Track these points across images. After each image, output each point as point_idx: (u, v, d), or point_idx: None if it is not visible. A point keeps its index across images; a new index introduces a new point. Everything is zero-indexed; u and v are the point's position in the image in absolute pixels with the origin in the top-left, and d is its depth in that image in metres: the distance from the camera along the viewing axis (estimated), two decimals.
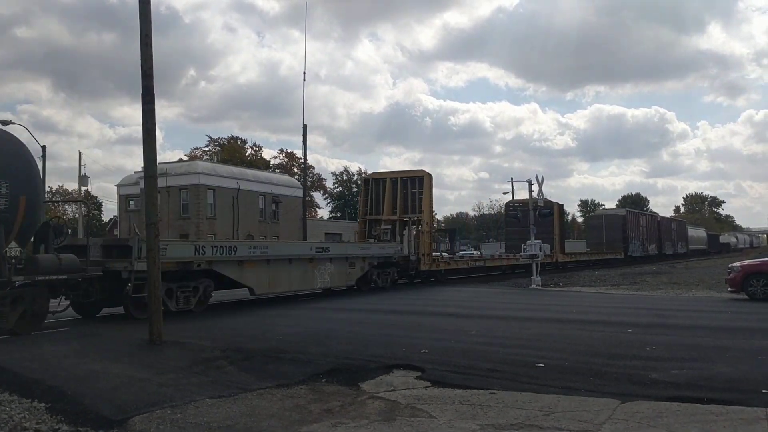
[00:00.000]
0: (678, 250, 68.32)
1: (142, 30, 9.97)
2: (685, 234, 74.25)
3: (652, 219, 62.75)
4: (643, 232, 56.22)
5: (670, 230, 66.33)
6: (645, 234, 56.60)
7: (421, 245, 25.47)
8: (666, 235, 63.89)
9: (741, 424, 5.71)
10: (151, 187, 10.07)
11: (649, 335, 10.89)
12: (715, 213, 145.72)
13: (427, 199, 26.16)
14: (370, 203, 26.57)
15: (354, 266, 20.97)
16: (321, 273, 19.18)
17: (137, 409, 6.31)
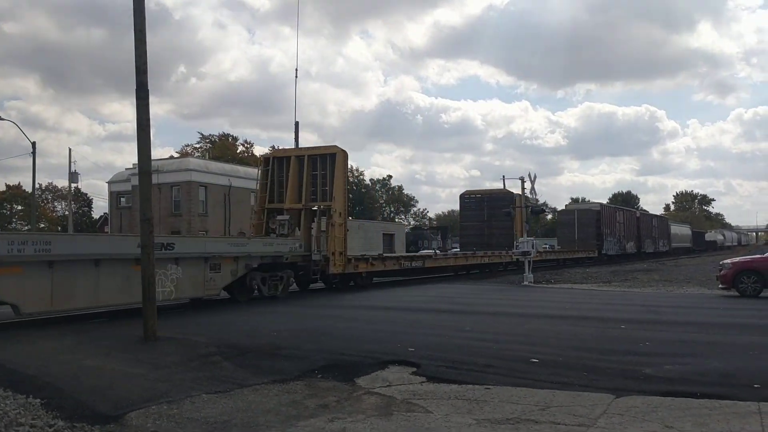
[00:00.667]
0: (660, 248, 64.82)
1: (136, 26, 9.93)
2: (667, 231, 70.50)
3: (631, 215, 58.37)
4: (620, 229, 52.55)
5: (650, 227, 62.56)
6: (622, 231, 52.90)
7: (330, 241, 20.18)
8: (646, 232, 60.34)
9: (734, 418, 5.77)
10: (145, 183, 10.04)
11: (641, 331, 10.97)
12: (705, 211, 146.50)
13: (339, 183, 20.66)
14: (271, 188, 21.50)
15: (219, 269, 15.64)
16: (160, 279, 13.38)
17: (133, 404, 6.31)
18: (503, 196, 34.91)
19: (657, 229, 65.27)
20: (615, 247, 50.61)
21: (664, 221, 72.36)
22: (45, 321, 12.27)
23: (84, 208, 78.42)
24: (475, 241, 35.05)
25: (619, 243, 51.66)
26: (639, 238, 57.38)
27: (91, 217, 78.89)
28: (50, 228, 77.50)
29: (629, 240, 54.69)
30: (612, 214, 51.23)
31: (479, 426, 5.67)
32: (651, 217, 66.85)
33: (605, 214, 49.33)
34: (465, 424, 5.73)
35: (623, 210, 57.21)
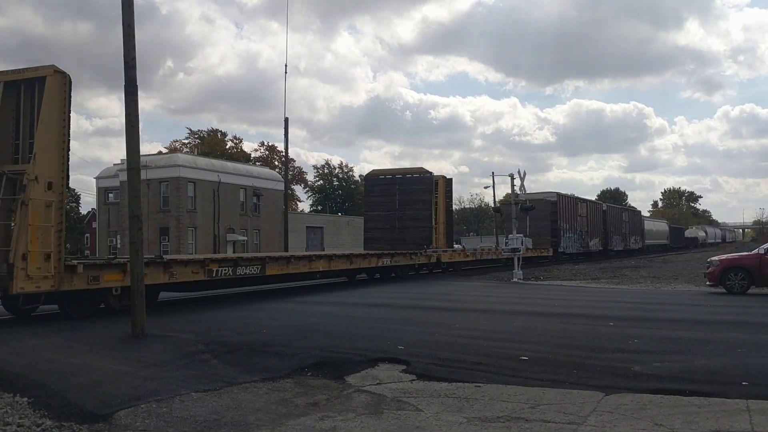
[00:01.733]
0: (630, 245, 59.19)
1: (124, 20, 9.85)
2: (640, 226, 65.02)
3: (596, 207, 51.91)
4: (583, 224, 46.47)
5: (620, 222, 56.48)
6: (585, 225, 46.93)
7: (19, 236, 11.04)
8: (614, 227, 54.47)
9: (723, 415, 5.80)
10: (134, 179, 9.97)
11: (630, 328, 11.01)
12: (692, 208, 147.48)
13: (50, 129, 11.54)
14: None
15: None
16: None
17: (122, 403, 6.26)
18: (420, 178, 27.67)
19: (628, 225, 59.46)
20: (575, 244, 44.92)
21: (636, 215, 66.44)
22: (31, 318, 12.16)
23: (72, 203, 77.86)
24: (383, 237, 27.57)
25: (580, 240, 46.08)
26: (606, 234, 51.96)
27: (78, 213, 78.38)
28: None
29: (594, 236, 48.86)
30: (572, 207, 45.03)
31: (470, 424, 5.67)
32: (621, 211, 60.58)
33: (563, 206, 42.99)
34: (455, 422, 5.73)
35: (587, 202, 50.04)
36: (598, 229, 50.43)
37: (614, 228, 54.62)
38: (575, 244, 44.98)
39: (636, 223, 63.45)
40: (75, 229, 73.76)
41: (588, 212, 48.43)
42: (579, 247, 45.57)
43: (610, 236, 53.21)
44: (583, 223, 47.16)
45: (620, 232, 56.18)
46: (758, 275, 18.30)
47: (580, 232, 46.26)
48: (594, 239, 49.34)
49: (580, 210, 46.40)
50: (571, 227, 44.29)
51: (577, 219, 45.64)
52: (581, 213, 46.67)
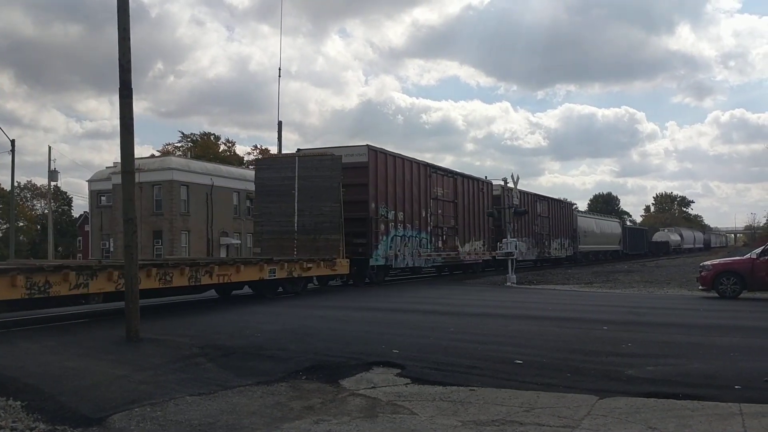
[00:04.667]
0: (550, 251, 42.64)
1: (120, 24, 9.84)
2: (570, 226, 47.91)
3: (492, 196, 34.06)
4: (463, 220, 29.95)
5: (532, 216, 38.71)
6: (465, 222, 30.37)
7: None
8: (522, 225, 37.13)
9: (716, 419, 5.83)
10: (128, 182, 9.96)
11: (624, 332, 11.06)
12: (684, 212, 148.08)
13: None
14: None
15: None
16: None
17: (116, 406, 6.24)
18: (326, 162, 21.12)
19: (547, 222, 42.07)
20: (408, 253, 25.57)
21: (566, 209, 47.97)
22: (25, 322, 12.11)
23: (64, 206, 77.64)
24: (277, 238, 21.12)
25: (417, 244, 26.23)
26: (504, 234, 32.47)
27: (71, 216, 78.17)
28: (29, 227, 76.64)
29: (477, 238, 31.81)
30: (390, 172, 25.35)
31: (464, 428, 5.69)
32: (536, 199, 40.87)
33: (379, 172, 24.79)
34: (450, 425, 5.74)
35: (471, 179, 31.51)
36: (481, 228, 32.23)
37: (524, 228, 37.79)
38: (408, 252, 25.08)
39: (565, 221, 46.26)
40: (67, 233, 73.57)
41: (445, 188, 28.27)
42: (411, 260, 25.47)
43: (475, 235, 31.94)
44: (465, 219, 30.17)
45: (532, 233, 39.24)
46: (750, 280, 18.42)
47: (462, 232, 29.94)
48: (477, 241, 31.77)
49: (404, 181, 24.80)
50: (388, 219, 23.69)
51: (404, 201, 24.77)
52: (406, 188, 24.95)
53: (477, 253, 31.88)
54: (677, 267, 40.94)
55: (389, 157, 24.44)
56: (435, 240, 27.66)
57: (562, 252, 46.32)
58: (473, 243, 31.71)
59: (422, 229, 26.43)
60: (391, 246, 23.90)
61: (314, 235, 20.82)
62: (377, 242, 22.88)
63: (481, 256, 32.35)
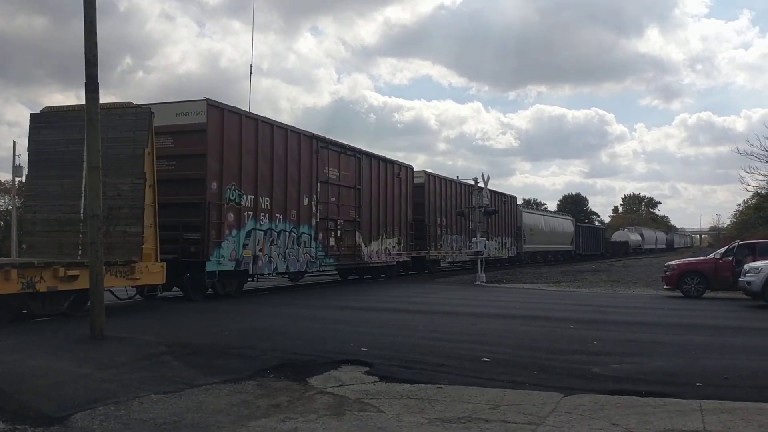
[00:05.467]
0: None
1: (86, 18, 9.68)
2: (513, 223, 41.46)
3: (397, 180, 26.46)
4: (374, 213, 24.56)
5: (449, 206, 31.90)
6: (379, 215, 24.94)
7: None
8: (456, 222, 32.34)
9: (677, 415, 5.95)
10: (94, 178, 9.80)
11: (590, 331, 11.22)
12: (651, 213, 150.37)
13: None
14: None
15: None
16: None
17: (79, 405, 6.14)
18: (128, 119, 14.18)
19: (477, 215, 29.42)
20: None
21: (509, 204, 41.15)
22: None
23: None
24: (56, 230, 14.27)
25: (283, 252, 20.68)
26: (425, 232, 29.17)
27: None
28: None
29: (390, 234, 25.91)
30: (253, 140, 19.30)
31: (431, 425, 5.71)
32: (472, 191, 30.48)
33: (226, 134, 18.43)
34: (417, 423, 5.77)
35: (383, 161, 25.65)
36: (390, 222, 25.88)
37: (445, 221, 31.38)
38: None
39: (503, 215, 39.03)
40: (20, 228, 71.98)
41: (343, 170, 22.47)
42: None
43: (431, 237, 29.87)
44: (370, 211, 24.14)
45: (465, 229, 32.92)
46: (713, 279, 18.86)
47: (368, 226, 24.10)
48: (378, 238, 24.95)
49: (275, 156, 18.69)
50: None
51: (273, 184, 18.68)
52: (277, 165, 18.82)
53: (390, 254, 25.87)
54: (643, 267, 41.63)
55: (246, 119, 17.52)
56: (325, 236, 21.18)
57: (503, 252, 39.72)
58: (384, 241, 25.40)
59: (303, 221, 19.81)
60: (246, 243, 17.29)
61: (107, 227, 12.82)
62: (221, 238, 16.29)
63: (395, 258, 26.47)
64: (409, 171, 28.36)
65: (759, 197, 50.91)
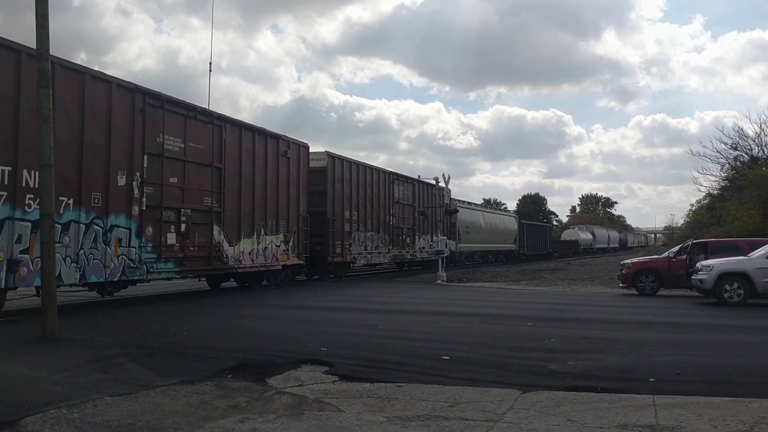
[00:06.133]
0: (414, 252, 31.90)
1: (38, 11, 9.43)
2: (447, 219, 35.26)
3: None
4: (246, 201, 18.72)
5: (385, 205, 28.60)
6: (245, 204, 18.69)
7: None
8: (372, 215, 27.35)
9: (631, 410, 6.07)
10: (46, 176, 9.56)
11: (547, 328, 11.37)
12: (608, 213, 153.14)
13: None
14: None
15: None
16: None
17: (29, 409, 5.97)
18: None
19: (411, 211, 31.37)
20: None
21: (442, 197, 33.38)
22: None
23: None
24: None
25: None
26: (327, 228, 23.76)
27: None
28: None
29: (272, 230, 20.08)
30: None
31: (390, 423, 5.72)
32: (394, 180, 29.60)
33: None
34: (376, 422, 5.76)
35: (259, 133, 19.69)
36: (250, 210, 19.08)
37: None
38: None
39: (436, 210, 33.41)
40: None
41: (190, 141, 16.36)
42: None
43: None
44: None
45: (384, 225, 28.68)
46: (667, 277, 19.33)
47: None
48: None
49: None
50: None
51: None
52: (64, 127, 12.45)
53: (272, 256, 20.10)
54: (600, 266, 42.40)
55: None
56: (157, 232, 15.18)
57: (412, 252, 33.00)
58: (262, 239, 19.51)
59: (115, 209, 13.94)
60: None
61: None
62: None
63: (280, 261, 20.61)
64: (303, 150, 22.29)
65: (711, 197, 52.36)
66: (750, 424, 5.63)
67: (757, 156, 44.33)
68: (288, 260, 21.14)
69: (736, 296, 15.96)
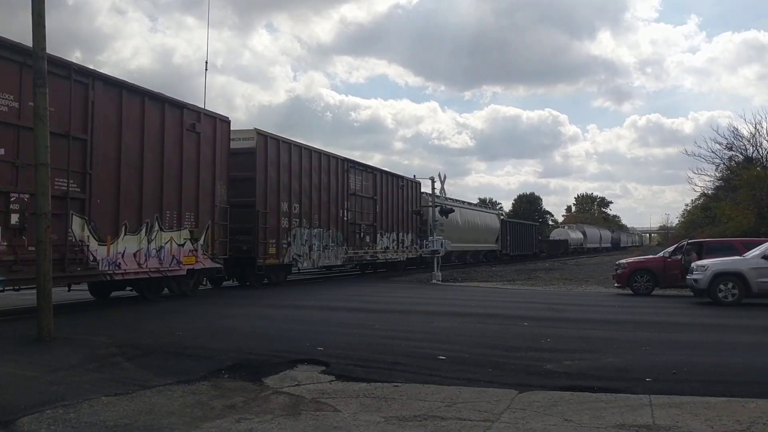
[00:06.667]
0: (375, 252, 28.01)
1: (34, 10, 9.39)
2: (416, 215, 32.44)
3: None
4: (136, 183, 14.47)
5: (336, 197, 24.66)
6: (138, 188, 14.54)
7: None
8: (317, 208, 23.16)
9: (627, 410, 6.08)
10: (42, 176, 9.52)
11: (543, 328, 11.39)
12: (603, 213, 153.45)
13: None
14: None
15: None
16: None
17: (25, 409, 5.96)
18: None
19: (372, 205, 27.78)
20: None
21: (410, 190, 32.14)
22: None
23: None
24: None
25: None
26: (255, 223, 19.61)
27: None
28: None
29: (171, 225, 15.60)
30: None
31: (387, 423, 5.72)
32: (350, 167, 25.99)
33: None
34: (373, 422, 5.76)
35: (132, 91, 14.55)
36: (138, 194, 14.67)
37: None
38: None
39: (402, 205, 30.87)
40: None
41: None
42: None
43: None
44: None
45: (335, 220, 24.64)
46: (662, 277, 19.37)
47: None
48: None
49: None
50: None
51: None
52: None
53: (174, 258, 15.79)
54: (595, 266, 42.52)
55: None
56: None
57: (400, 253, 30.57)
58: (158, 236, 15.30)
59: None
60: None
61: None
62: None
63: (185, 265, 16.22)
64: (222, 125, 17.76)
65: (706, 197, 52.55)
66: (747, 424, 5.65)
67: (751, 156, 44.51)
68: (196, 263, 16.61)
69: (731, 296, 16.00)
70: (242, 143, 19.38)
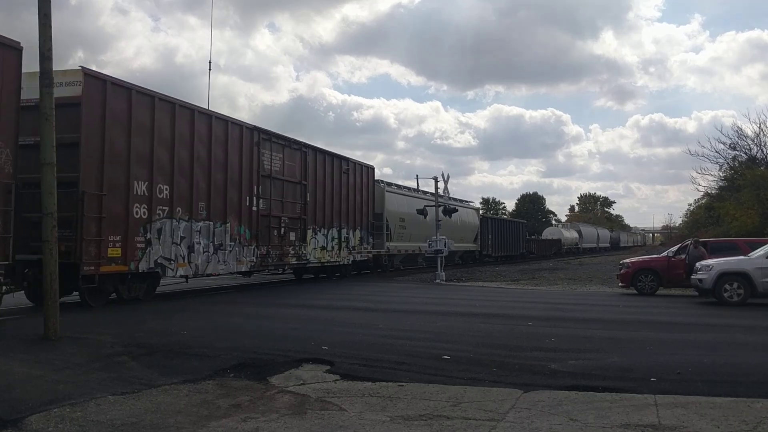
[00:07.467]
0: (306, 254, 21.62)
1: (40, 10, 9.42)
2: (368, 208, 26.78)
3: None
4: None
5: (247, 181, 18.35)
6: None
7: None
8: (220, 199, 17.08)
9: (632, 410, 6.09)
10: (48, 175, 9.55)
11: (548, 328, 11.39)
12: (606, 213, 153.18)
13: None
14: None
15: None
16: None
17: (33, 407, 5.99)
18: None
19: (312, 194, 22.01)
20: None
21: (363, 176, 26.41)
22: None
23: None
24: None
25: None
26: (77, 211, 12.72)
27: None
28: None
29: None
30: None
31: (393, 423, 5.73)
32: (269, 140, 19.60)
33: None
34: (379, 421, 5.78)
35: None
36: None
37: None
38: None
39: (352, 195, 25.52)
40: None
41: None
42: None
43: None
44: None
45: (243, 213, 18.41)
46: (666, 277, 19.35)
47: None
48: None
49: None
50: None
51: None
52: None
53: None
54: (599, 265, 42.51)
55: None
56: None
57: (344, 256, 24.66)
58: None
59: None
60: None
61: None
62: None
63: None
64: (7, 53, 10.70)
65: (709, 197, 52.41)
66: (753, 425, 5.65)
67: (755, 156, 44.40)
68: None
69: (736, 296, 15.97)
70: (60, 89, 11.90)
